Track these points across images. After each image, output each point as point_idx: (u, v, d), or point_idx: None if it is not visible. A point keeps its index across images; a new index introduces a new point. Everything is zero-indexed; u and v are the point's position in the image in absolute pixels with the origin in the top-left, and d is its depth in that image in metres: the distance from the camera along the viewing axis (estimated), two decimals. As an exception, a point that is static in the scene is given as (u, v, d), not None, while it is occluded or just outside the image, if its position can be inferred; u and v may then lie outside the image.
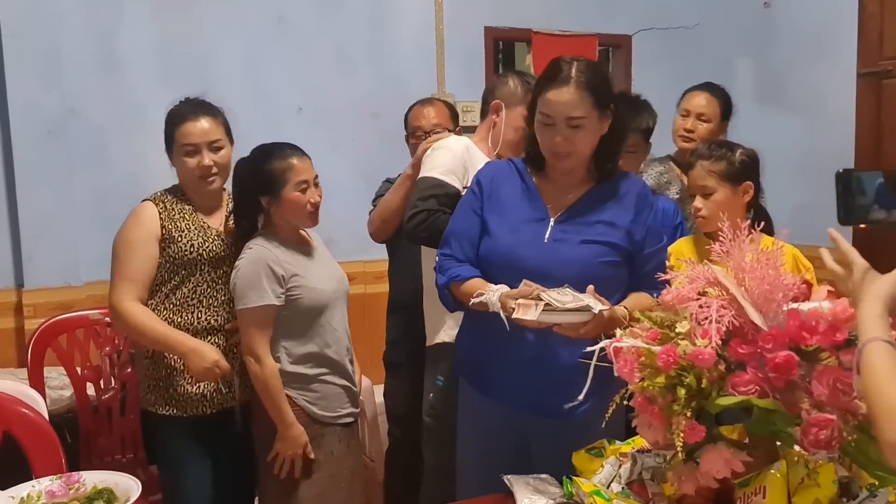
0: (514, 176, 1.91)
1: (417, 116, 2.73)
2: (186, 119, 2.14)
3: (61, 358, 2.62)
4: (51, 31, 3.16)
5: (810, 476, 1.31)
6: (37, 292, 3.17)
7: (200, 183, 2.16)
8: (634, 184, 1.92)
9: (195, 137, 2.12)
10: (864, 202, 1.24)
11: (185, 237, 2.14)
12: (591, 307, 1.63)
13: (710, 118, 2.80)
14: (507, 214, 1.86)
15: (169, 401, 2.14)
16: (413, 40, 3.93)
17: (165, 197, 2.20)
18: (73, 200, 3.24)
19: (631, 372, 1.39)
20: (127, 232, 2.14)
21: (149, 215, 2.14)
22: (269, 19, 3.63)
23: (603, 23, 4.33)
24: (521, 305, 1.65)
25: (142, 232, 2.12)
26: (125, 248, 2.12)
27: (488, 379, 1.90)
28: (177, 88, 3.50)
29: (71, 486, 1.48)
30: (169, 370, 2.14)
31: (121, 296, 2.09)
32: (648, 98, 4.43)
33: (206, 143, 2.13)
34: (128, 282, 2.09)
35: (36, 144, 3.14)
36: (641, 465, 1.55)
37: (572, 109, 1.76)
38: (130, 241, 2.12)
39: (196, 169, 2.13)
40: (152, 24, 3.41)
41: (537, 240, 1.82)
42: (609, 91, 1.84)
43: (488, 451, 1.91)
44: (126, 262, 2.11)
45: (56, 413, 2.59)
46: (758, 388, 1.31)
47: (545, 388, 1.81)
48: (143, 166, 3.38)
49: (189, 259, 2.13)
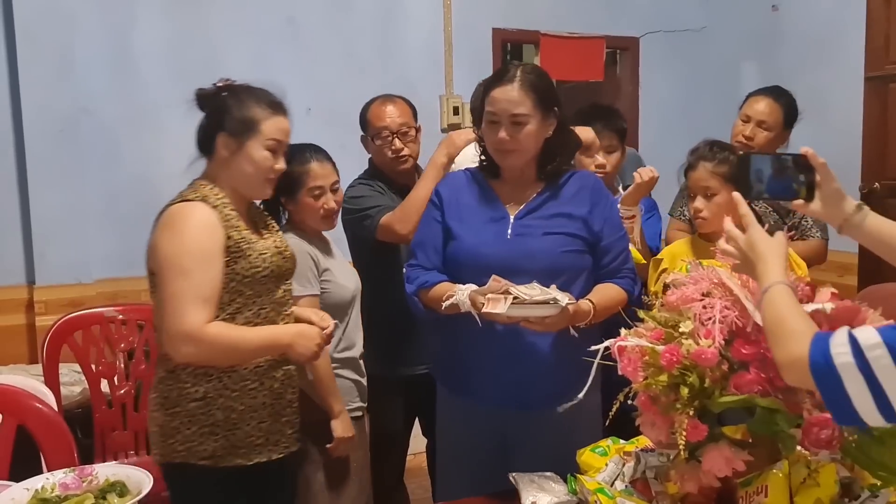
0: (472, 183, 1.99)
1: (380, 116, 2.53)
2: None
3: (77, 354, 2.66)
4: (64, 31, 3.19)
5: (812, 476, 1.33)
6: (48, 289, 3.19)
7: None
8: (588, 179, 1.99)
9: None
10: (759, 183, 1.41)
11: (255, 249, 1.79)
12: (558, 300, 1.69)
13: (772, 126, 2.69)
14: (468, 218, 1.93)
15: (231, 449, 1.78)
16: (421, 42, 3.96)
17: (217, 198, 1.78)
18: (85, 199, 3.27)
19: (634, 371, 1.41)
20: (195, 240, 1.70)
21: (212, 220, 1.73)
22: (279, 20, 3.66)
23: (610, 25, 4.34)
24: (490, 300, 1.70)
25: (214, 241, 1.71)
26: (197, 259, 1.68)
27: (463, 379, 1.94)
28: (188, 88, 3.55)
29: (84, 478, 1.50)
30: (227, 412, 1.77)
31: (198, 320, 1.65)
32: (655, 100, 4.48)
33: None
34: (202, 302, 1.66)
35: (48, 143, 3.17)
36: (645, 463, 1.57)
37: (515, 106, 1.83)
38: (204, 251, 1.69)
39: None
40: (164, 24, 3.44)
41: (500, 237, 1.88)
42: (553, 95, 1.90)
43: (467, 451, 1.94)
44: (199, 278, 1.67)
45: (67, 409, 2.63)
46: (760, 387, 1.32)
47: (520, 382, 1.86)
48: (156, 165, 3.42)
49: (259, 276, 1.78)
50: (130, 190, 3.38)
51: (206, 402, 1.76)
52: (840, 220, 1.38)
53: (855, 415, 1.00)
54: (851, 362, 0.98)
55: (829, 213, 1.39)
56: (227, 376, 1.77)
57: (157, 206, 3.39)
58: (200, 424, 1.75)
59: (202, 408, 1.76)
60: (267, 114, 1.81)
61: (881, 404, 0.97)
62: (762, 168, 1.41)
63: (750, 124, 2.72)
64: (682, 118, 4.33)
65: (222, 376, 1.76)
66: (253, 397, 1.80)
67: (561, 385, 1.81)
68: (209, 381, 1.76)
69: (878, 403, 0.97)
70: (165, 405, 1.77)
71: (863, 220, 1.36)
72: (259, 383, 1.81)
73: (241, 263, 1.75)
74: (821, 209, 1.39)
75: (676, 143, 2.88)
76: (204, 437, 1.76)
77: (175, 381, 1.77)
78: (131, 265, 3.39)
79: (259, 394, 1.81)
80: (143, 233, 3.39)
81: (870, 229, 1.36)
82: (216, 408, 1.76)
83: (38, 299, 3.19)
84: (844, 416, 1.03)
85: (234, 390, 1.77)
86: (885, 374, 0.96)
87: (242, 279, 1.75)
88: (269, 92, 1.86)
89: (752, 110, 2.74)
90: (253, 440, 1.80)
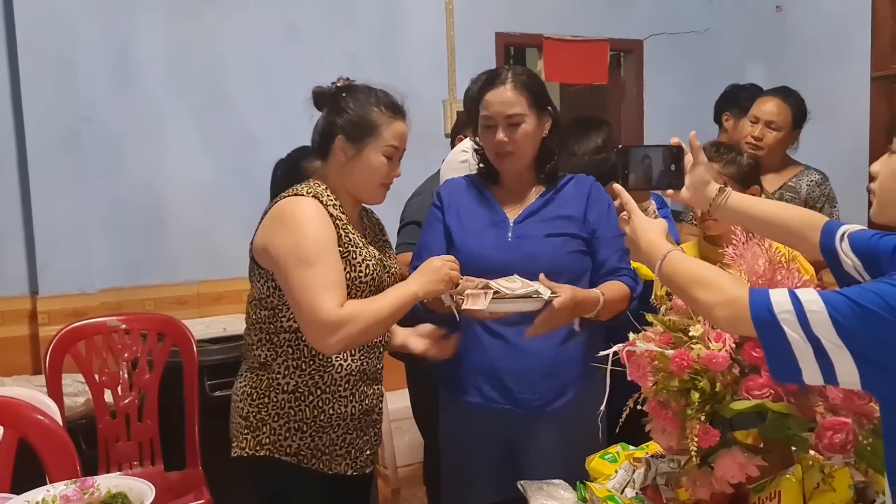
0: (472, 188, 1.99)
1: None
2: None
3: (80, 364, 2.64)
4: (65, 40, 3.20)
5: (825, 481, 1.30)
6: (51, 299, 3.19)
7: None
8: (585, 182, 1.98)
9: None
10: (636, 173, 1.48)
11: (360, 255, 1.74)
12: (540, 293, 1.66)
13: (781, 126, 2.69)
14: (467, 222, 1.93)
15: (315, 452, 1.74)
16: (424, 47, 3.95)
17: (329, 198, 1.73)
18: (88, 208, 3.27)
19: (644, 376, 1.39)
20: (312, 230, 1.65)
21: (323, 212, 1.69)
22: (281, 27, 3.66)
23: (614, 28, 4.34)
24: (469, 296, 1.67)
25: (330, 231, 1.68)
26: (321, 248, 1.64)
27: (464, 382, 1.93)
28: (190, 96, 3.58)
29: (85, 490, 1.47)
30: (316, 411, 1.74)
31: (333, 306, 1.61)
32: (660, 102, 4.46)
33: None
34: (332, 288, 1.63)
35: (50, 153, 3.17)
36: (655, 470, 1.54)
37: (510, 107, 1.84)
38: (323, 239, 1.65)
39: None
40: (166, 32, 3.44)
41: (501, 240, 1.88)
42: (546, 95, 1.91)
43: (472, 454, 1.94)
44: (323, 266, 1.63)
45: (71, 420, 2.61)
46: (772, 391, 1.30)
47: (521, 382, 1.85)
48: (159, 174, 3.43)
49: (358, 283, 1.73)
50: (133, 199, 3.38)
51: (295, 397, 1.73)
52: (706, 204, 1.48)
53: (795, 368, 1.03)
54: (794, 319, 1.01)
55: (697, 199, 1.49)
56: (318, 374, 1.74)
57: (161, 214, 3.45)
58: (288, 419, 1.73)
59: (291, 401, 1.73)
60: (386, 117, 1.76)
61: (822, 362, 1.00)
62: (639, 159, 1.48)
63: (759, 125, 2.70)
64: (688, 120, 4.29)
65: (314, 373, 1.74)
66: (343, 405, 1.77)
67: (563, 384, 1.83)
68: (300, 375, 1.73)
69: (819, 360, 1.00)
70: (253, 395, 1.76)
71: (726, 201, 1.46)
72: (350, 393, 1.78)
73: (344, 266, 1.70)
74: (689, 195, 1.49)
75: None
76: (291, 432, 1.73)
77: (266, 371, 1.74)
78: (135, 274, 3.41)
79: (349, 403, 1.78)
80: (147, 242, 3.44)
81: (734, 208, 1.46)
82: (305, 404, 1.73)
83: (42, 310, 3.18)
84: (784, 370, 1.05)
85: (324, 390, 1.74)
86: (822, 329, 0.99)
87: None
88: (389, 94, 1.81)
89: (761, 111, 2.72)
90: (336, 449, 1.77)
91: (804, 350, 1.01)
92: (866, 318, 0.97)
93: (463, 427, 1.96)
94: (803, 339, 1.01)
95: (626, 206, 1.41)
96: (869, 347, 0.98)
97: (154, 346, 2.73)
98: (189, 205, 3.48)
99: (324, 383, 1.75)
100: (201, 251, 3.48)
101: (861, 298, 0.98)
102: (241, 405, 1.78)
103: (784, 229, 1.42)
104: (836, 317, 0.99)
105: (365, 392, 1.81)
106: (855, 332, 0.98)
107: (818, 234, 1.35)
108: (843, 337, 0.99)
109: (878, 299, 0.97)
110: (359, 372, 1.79)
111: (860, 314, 0.98)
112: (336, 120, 1.76)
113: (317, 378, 1.74)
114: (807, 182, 2.67)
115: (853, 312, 0.98)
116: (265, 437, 1.74)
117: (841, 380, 1.02)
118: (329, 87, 1.81)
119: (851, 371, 1.00)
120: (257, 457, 1.75)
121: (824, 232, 1.34)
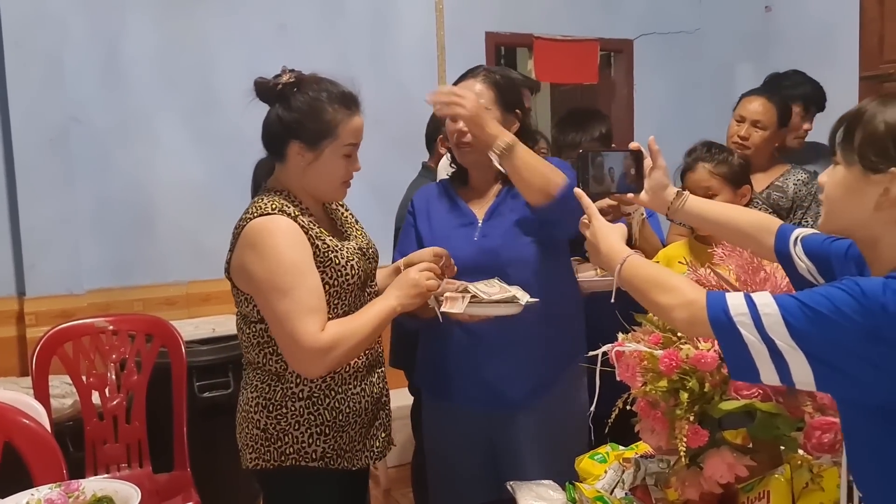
0: (443, 193, 2.01)
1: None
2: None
3: (67, 366, 2.62)
4: (53, 38, 3.17)
5: (814, 480, 1.30)
6: (39, 300, 3.16)
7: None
8: None
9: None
10: (597, 177, 1.51)
11: (343, 258, 1.70)
12: (517, 298, 1.69)
13: (766, 125, 2.69)
14: (437, 226, 1.96)
15: (339, 452, 1.73)
16: (414, 46, 3.94)
17: (295, 207, 1.69)
18: (76, 208, 3.24)
19: (633, 376, 1.39)
20: (285, 255, 1.61)
21: (296, 231, 1.64)
22: (271, 26, 3.64)
23: (604, 27, 4.34)
24: (448, 299, 1.69)
25: (304, 251, 1.63)
26: (295, 274, 1.60)
27: (446, 383, 1.94)
28: (180, 96, 3.55)
29: (70, 494, 1.46)
30: (334, 413, 1.72)
31: (312, 332, 1.58)
32: (650, 102, 4.47)
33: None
34: (311, 313, 1.59)
35: (38, 152, 3.14)
36: (645, 470, 1.54)
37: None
38: (297, 263, 1.61)
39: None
40: (155, 31, 3.42)
41: (468, 240, 1.90)
42: (516, 98, 1.93)
43: (456, 456, 1.95)
44: (300, 292, 1.59)
45: (58, 422, 2.59)
46: (760, 391, 1.31)
47: (501, 381, 1.87)
48: (147, 173, 3.41)
49: (346, 285, 1.70)
50: (122, 199, 3.36)
51: (312, 402, 1.71)
52: (665, 208, 1.52)
53: (753, 368, 1.05)
54: (750, 322, 1.04)
55: (655, 202, 1.52)
56: (329, 377, 1.72)
57: (149, 214, 3.42)
58: (310, 424, 1.71)
59: (309, 408, 1.71)
60: (342, 115, 1.68)
61: (777, 363, 1.03)
62: (599, 164, 1.50)
63: (745, 124, 2.71)
64: (678, 120, 4.32)
65: (325, 376, 1.71)
66: (357, 401, 1.76)
67: (539, 380, 1.86)
68: (313, 381, 1.71)
69: (775, 361, 1.03)
70: (269, 407, 1.71)
71: (683, 204, 1.50)
72: (361, 388, 1.77)
73: (328, 273, 1.67)
74: (648, 199, 1.52)
75: (672, 144, 2.85)
76: (314, 437, 1.71)
77: (279, 382, 1.71)
78: (123, 275, 3.39)
79: (362, 398, 1.77)
80: (136, 242, 3.42)
81: (690, 211, 1.51)
82: (324, 408, 1.71)
83: (29, 311, 3.15)
84: (742, 370, 1.08)
85: (337, 391, 1.73)
86: (776, 332, 1.02)
87: (330, 289, 1.68)
88: (339, 84, 1.71)
89: (746, 110, 2.74)
90: (356, 444, 1.77)
91: (760, 351, 1.04)
92: (817, 321, 1.00)
93: (446, 429, 1.97)
94: (759, 341, 1.04)
95: (586, 210, 1.43)
96: (821, 349, 1.01)
97: (142, 347, 2.71)
98: (178, 205, 3.46)
99: (336, 384, 1.74)
100: (190, 251, 3.46)
101: (812, 302, 1.02)
102: (257, 417, 1.73)
103: (738, 232, 1.46)
104: (789, 319, 1.02)
105: (371, 381, 1.81)
106: (807, 334, 1.01)
107: (772, 237, 1.39)
108: (795, 339, 1.02)
109: (828, 303, 1.00)
110: (364, 366, 1.78)
111: (812, 317, 1.01)
112: (289, 121, 1.68)
113: (328, 381, 1.73)
114: (794, 181, 2.68)
115: (805, 315, 1.01)
116: (288, 446, 1.71)
117: (796, 380, 1.04)
118: (274, 81, 1.71)
119: (806, 371, 1.03)
120: (282, 467, 1.72)
121: (778, 236, 1.38)
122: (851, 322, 0.98)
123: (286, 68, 1.74)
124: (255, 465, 1.75)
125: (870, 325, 0.98)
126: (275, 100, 1.72)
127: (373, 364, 1.82)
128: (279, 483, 1.77)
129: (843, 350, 1.00)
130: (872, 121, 1.07)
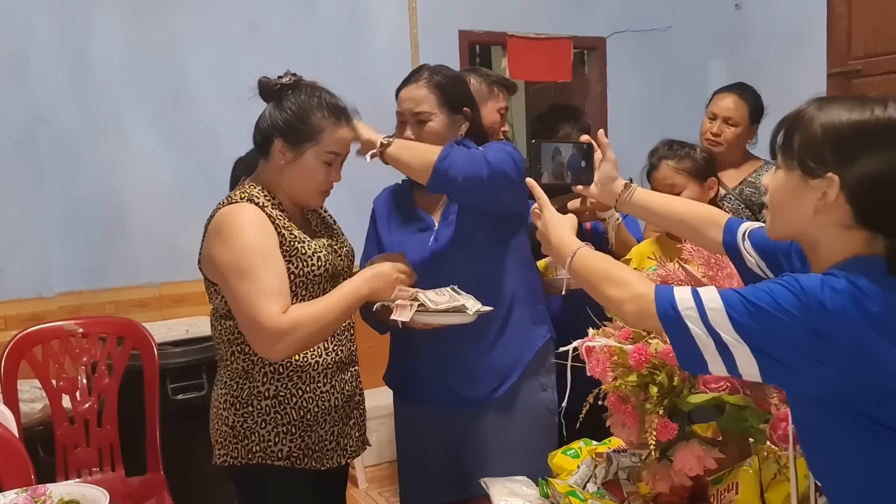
0: (402, 196, 2.01)
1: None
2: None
3: (36, 370, 2.58)
4: (19, 38, 3.12)
5: (782, 472, 1.32)
6: (8, 304, 3.11)
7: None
8: None
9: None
10: (548, 168, 1.52)
11: (310, 249, 1.71)
12: (466, 308, 1.70)
13: (738, 122, 2.71)
14: (396, 232, 1.96)
15: (306, 451, 1.73)
16: (387, 44, 3.93)
17: (265, 198, 1.70)
18: (44, 210, 3.19)
19: (603, 371, 1.40)
20: (249, 238, 1.62)
21: (261, 217, 1.65)
22: (242, 25, 3.61)
23: (577, 25, 4.35)
24: (398, 307, 1.69)
25: (269, 236, 1.64)
26: (257, 256, 1.60)
27: (412, 385, 1.96)
28: (150, 95, 3.51)
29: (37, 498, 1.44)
30: (301, 412, 1.72)
31: (273, 313, 1.57)
32: (624, 99, 4.49)
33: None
34: (272, 296, 1.58)
35: (5, 154, 3.09)
36: (617, 464, 1.56)
37: (417, 105, 1.87)
38: (260, 246, 1.62)
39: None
40: (124, 31, 3.37)
41: (423, 244, 1.89)
42: (463, 96, 1.93)
43: (424, 457, 1.96)
44: (262, 274, 1.59)
45: (27, 427, 2.55)
46: (728, 384, 1.32)
47: (462, 378, 1.88)
48: (117, 174, 3.36)
49: (312, 276, 1.71)
50: (92, 200, 3.31)
51: (278, 401, 1.71)
52: (613, 200, 1.53)
53: (701, 360, 1.07)
54: (696, 315, 1.06)
55: (604, 195, 1.54)
56: (296, 375, 1.72)
57: (121, 215, 3.38)
58: (276, 423, 1.71)
59: (275, 406, 1.71)
60: (329, 122, 1.71)
61: (724, 355, 1.05)
62: (551, 154, 1.51)
63: (717, 121, 2.74)
64: (651, 117, 4.35)
65: (292, 374, 1.71)
66: (326, 400, 1.75)
67: (500, 378, 1.88)
68: (279, 378, 1.71)
69: (721, 353, 1.05)
70: (237, 405, 1.73)
71: (631, 196, 1.52)
72: (331, 386, 1.77)
73: (294, 263, 1.68)
74: (597, 192, 1.54)
75: (645, 142, 2.87)
76: (280, 436, 1.71)
77: (246, 380, 1.72)
78: (95, 278, 3.34)
79: (332, 396, 1.77)
80: (107, 244, 3.37)
81: (638, 203, 1.53)
82: (290, 406, 1.71)
83: (-2, 315, 3.11)
84: (690, 362, 1.09)
85: (305, 390, 1.72)
86: (721, 325, 1.04)
87: (296, 279, 1.68)
88: (335, 96, 1.76)
89: (718, 107, 2.76)
90: (326, 444, 1.77)
91: (707, 343, 1.06)
92: (759, 317, 1.02)
93: (414, 429, 1.99)
94: (705, 334, 1.06)
95: (538, 201, 1.43)
96: (764, 343, 1.03)
97: (113, 350, 2.68)
98: (150, 205, 3.42)
99: (303, 383, 1.73)
100: (163, 253, 3.42)
101: (754, 297, 1.03)
102: (226, 414, 1.74)
103: (684, 224, 1.48)
104: (733, 314, 1.04)
105: (343, 379, 1.80)
106: (750, 328, 1.03)
107: (720, 230, 1.40)
108: (739, 333, 1.03)
109: (769, 298, 1.02)
110: (335, 363, 1.77)
111: (754, 313, 1.02)
112: (277, 120, 1.71)
113: (296, 379, 1.72)
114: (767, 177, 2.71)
115: (747, 310, 1.03)
116: (255, 444, 1.71)
117: (742, 371, 1.06)
118: (275, 81, 1.75)
119: (751, 364, 1.04)
120: (249, 465, 1.72)
121: (726, 229, 1.39)
122: (792, 318, 1.00)
123: (289, 71, 1.78)
124: (224, 461, 1.75)
125: (809, 322, 0.99)
126: (271, 98, 1.75)
127: (345, 362, 1.81)
128: (247, 481, 1.77)
129: (786, 344, 1.02)
130: (810, 125, 1.07)
